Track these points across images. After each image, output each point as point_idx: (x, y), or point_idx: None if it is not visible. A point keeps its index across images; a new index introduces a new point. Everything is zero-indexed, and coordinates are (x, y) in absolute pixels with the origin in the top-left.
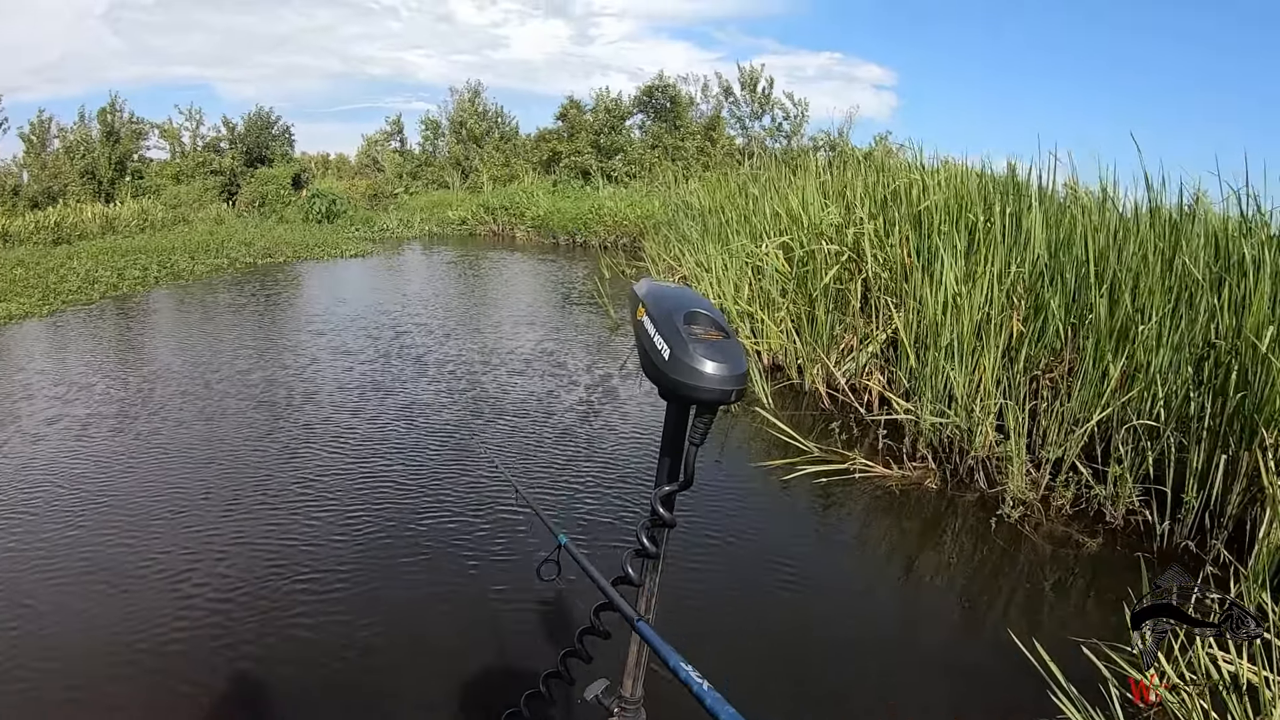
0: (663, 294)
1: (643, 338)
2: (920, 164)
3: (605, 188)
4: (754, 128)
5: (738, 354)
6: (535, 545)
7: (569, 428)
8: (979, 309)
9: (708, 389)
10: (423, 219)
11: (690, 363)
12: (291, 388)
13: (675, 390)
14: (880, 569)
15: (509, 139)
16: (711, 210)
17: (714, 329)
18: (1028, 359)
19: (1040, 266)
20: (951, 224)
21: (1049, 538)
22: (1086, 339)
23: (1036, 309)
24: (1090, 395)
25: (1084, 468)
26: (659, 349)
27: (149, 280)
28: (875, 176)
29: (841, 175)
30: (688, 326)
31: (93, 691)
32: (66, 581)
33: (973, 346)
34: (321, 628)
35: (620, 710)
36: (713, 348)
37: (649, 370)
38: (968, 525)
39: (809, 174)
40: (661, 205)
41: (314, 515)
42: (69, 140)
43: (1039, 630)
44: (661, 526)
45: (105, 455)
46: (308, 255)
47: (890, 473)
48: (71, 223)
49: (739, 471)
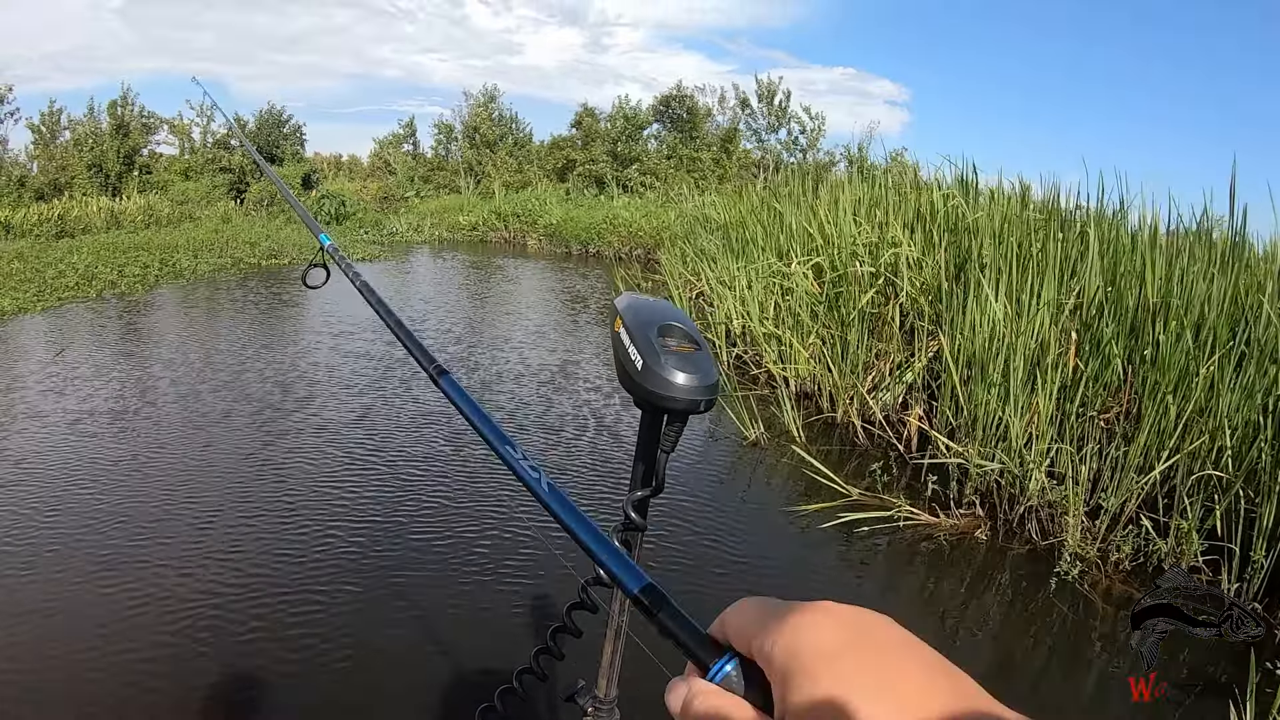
0: (640, 306)
1: (618, 349)
2: (962, 182)
3: (620, 197)
4: (770, 140)
5: (708, 365)
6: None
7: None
8: (1030, 342)
9: (678, 398)
10: (433, 224)
11: (662, 373)
12: (273, 403)
13: (648, 399)
14: (927, 631)
15: (522, 145)
16: (732, 224)
17: (687, 341)
18: (1084, 399)
19: (1099, 298)
20: (995, 247)
21: (1106, 596)
22: (1146, 379)
23: (1093, 344)
24: (1152, 441)
25: (1144, 518)
26: (633, 359)
27: (149, 279)
28: (908, 195)
29: (869, 191)
30: (661, 339)
31: (71, 691)
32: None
33: (1026, 383)
34: (301, 628)
35: (594, 710)
36: (684, 359)
37: (623, 380)
38: (1021, 582)
39: (839, 190)
40: (678, 217)
41: (290, 525)
42: (78, 132)
43: (1099, 706)
44: (633, 530)
45: (69, 465)
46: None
47: (937, 521)
48: (76, 216)
49: (769, 514)
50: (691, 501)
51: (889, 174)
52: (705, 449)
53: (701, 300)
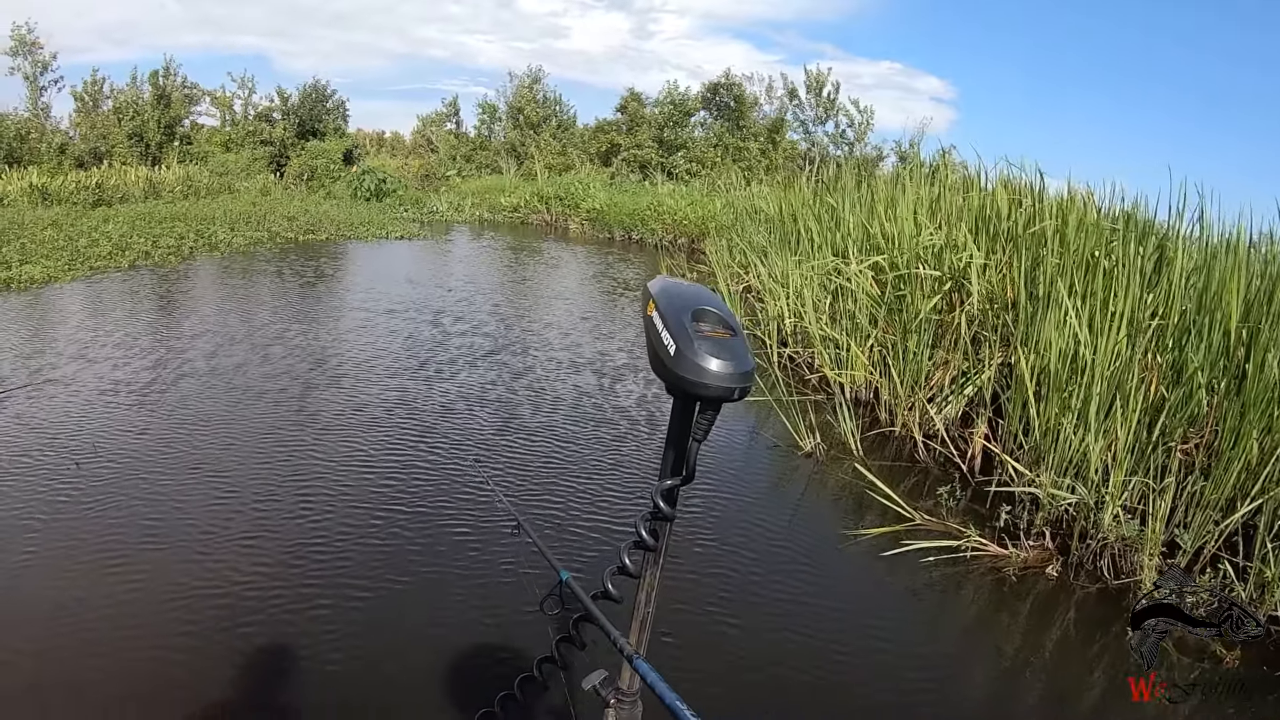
0: (674, 291)
1: (651, 334)
2: (1036, 186)
3: (665, 184)
4: (817, 133)
5: (744, 352)
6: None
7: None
8: (1110, 363)
9: (712, 386)
10: (474, 203)
11: (695, 359)
12: (300, 384)
13: (680, 386)
14: (988, 673)
15: (566, 128)
16: (783, 217)
17: (721, 327)
18: (1165, 427)
19: (1188, 319)
20: (1068, 257)
21: (1180, 644)
22: (1232, 408)
23: (1177, 369)
24: (1239, 476)
25: (1225, 560)
26: (666, 345)
27: (183, 250)
28: (973, 195)
29: (930, 190)
30: (695, 324)
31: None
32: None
33: (1105, 408)
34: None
35: (617, 702)
36: (719, 345)
37: (656, 366)
38: (1091, 625)
39: (898, 187)
40: (724, 207)
41: (314, 509)
42: (119, 101)
43: None
44: (661, 520)
45: (88, 436)
46: (352, 234)
47: (1006, 553)
48: (114, 184)
49: (826, 537)
50: (741, 515)
51: (944, 172)
52: (757, 456)
53: (750, 295)
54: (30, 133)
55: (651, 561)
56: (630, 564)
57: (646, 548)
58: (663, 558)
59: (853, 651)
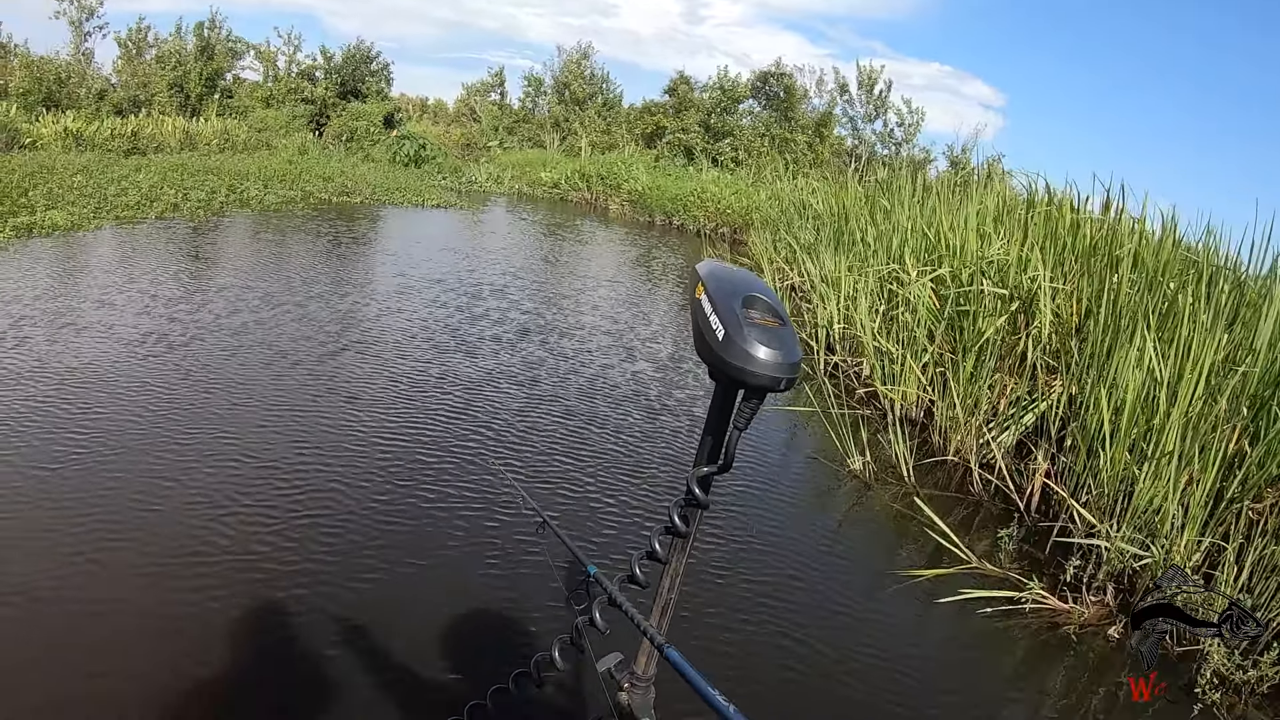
0: (724, 275)
1: (698, 316)
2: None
3: (709, 170)
4: (865, 130)
5: (793, 343)
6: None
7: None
8: (1188, 409)
9: (758, 373)
10: (513, 176)
11: (743, 345)
12: (320, 350)
13: (725, 371)
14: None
15: (612, 106)
16: (833, 215)
17: (771, 315)
18: (1241, 486)
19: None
20: (1144, 288)
21: None
22: None
23: (1260, 422)
24: None
25: None
26: (714, 329)
27: (213, 204)
28: (1041, 210)
29: (995, 201)
30: (745, 310)
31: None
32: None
33: (1183, 459)
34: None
35: (631, 686)
36: (768, 333)
37: (701, 349)
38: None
39: (958, 191)
40: (769, 198)
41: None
42: (162, 50)
43: None
44: (695, 507)
45: (99, 390)
46: (387, 199)
47: (1067, 608)
48: (150, 134)
49: (870, 569)
50: (781, 535)
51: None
52: (798, 469)
53: (794, 294)
54: (70, 77)
55: (679, 548)
56: (660, 549)
57: (677, 533)
58: (690, 544)
59: (900, 701)
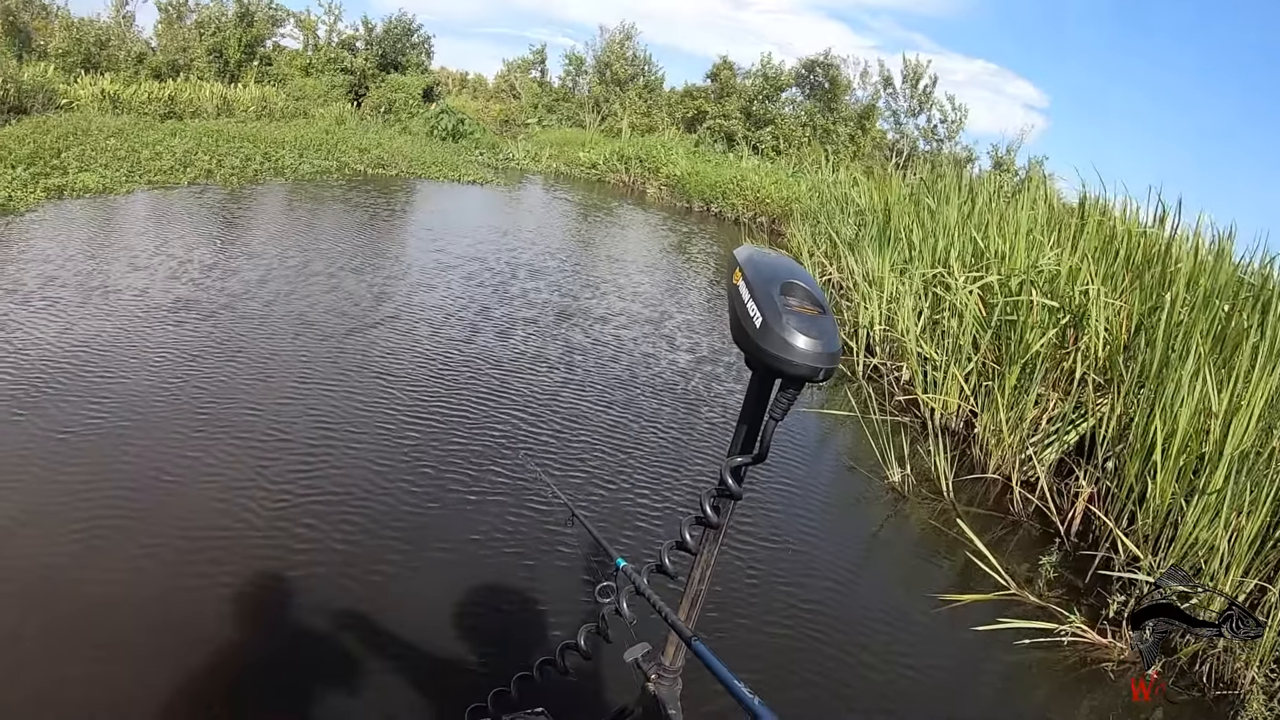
0: (762, 261)
1: (736, 302)
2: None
3: (749, 158)
4: (908, 125)
5: (832, 332)
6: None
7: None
8: (1242, 442)
9: (796, 362)
10: (551, 154)
11: (781, 333)
12: (346, 333)
13: (762, 359)
14: None
15: (653, 88)
16: (876, 211)
17: (810, 303)
18: None
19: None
20: (1200, 308)
21: None
22: None
23: None
24: None
25: None
26: (751, 315)
27: (247, 172)
28: (1094, 219)
29: (1045, 208)
30: (784, 297)
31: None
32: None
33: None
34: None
35: (658, 677)
36: (807, 321)
37: (738, 336)
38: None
39: (1004, 195)
40: (809, 190)
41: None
42: (203, 15)
43: None
44: (728, 498)
45: (117, 352)
46: (423, 173)
47: (1106, 644)
48: (187, 98)
49: (907, 590)
50: (816, 549)
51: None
52: (833, 476)
53: (834, 291)
54: (111, 40)
55: (711, 539)
56: (690, 539)
57: (709, 524)
58: (722, 536)
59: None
